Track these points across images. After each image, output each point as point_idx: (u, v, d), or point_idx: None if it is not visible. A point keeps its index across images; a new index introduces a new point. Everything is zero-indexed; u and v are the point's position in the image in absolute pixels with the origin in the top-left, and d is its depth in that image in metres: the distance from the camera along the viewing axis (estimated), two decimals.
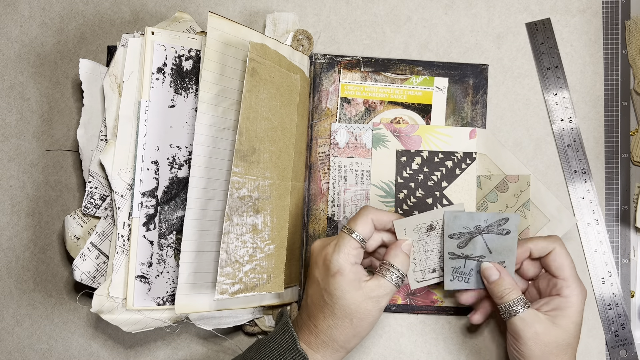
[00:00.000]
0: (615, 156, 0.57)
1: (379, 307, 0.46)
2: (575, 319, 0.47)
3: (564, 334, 0.46)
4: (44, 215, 0.58)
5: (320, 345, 0.46)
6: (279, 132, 0.51)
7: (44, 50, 0.59)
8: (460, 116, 0.57)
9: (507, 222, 0.49)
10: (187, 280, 0.48)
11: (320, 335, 0.46)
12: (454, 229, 0.49)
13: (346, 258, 0.46)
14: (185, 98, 0.52)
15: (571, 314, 0.47)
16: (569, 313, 0.47)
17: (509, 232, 0.49)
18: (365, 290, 0.45)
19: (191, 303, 0.48)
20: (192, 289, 0.48)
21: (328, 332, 0.46)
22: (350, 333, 0.46)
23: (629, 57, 0.58)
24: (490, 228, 0.49)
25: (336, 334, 0.46)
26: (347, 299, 0.45)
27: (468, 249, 0.50)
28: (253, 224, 0.48)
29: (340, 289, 0.45)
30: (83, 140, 0.53)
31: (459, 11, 0.59)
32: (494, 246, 0.50)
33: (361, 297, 0.45)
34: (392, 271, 0.47)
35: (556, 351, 0.46)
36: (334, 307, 0.45)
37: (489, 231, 0.49)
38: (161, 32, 0.51)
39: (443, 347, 0.57)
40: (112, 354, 0.57)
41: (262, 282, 0.49)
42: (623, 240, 0.57)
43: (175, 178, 0.52)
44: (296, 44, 0.57)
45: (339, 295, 0.45)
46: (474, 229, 0.49)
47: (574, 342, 0.47)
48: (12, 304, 0.57)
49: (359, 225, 0.47)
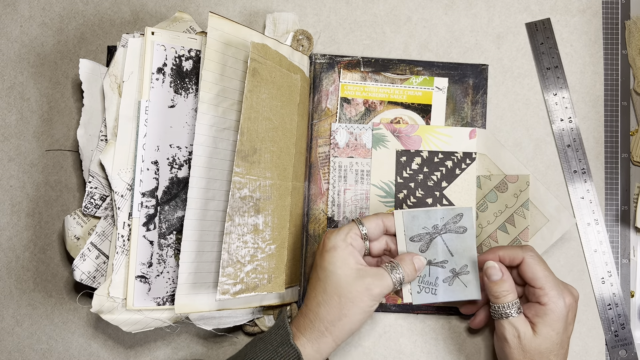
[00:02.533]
0: (615, 156, 0.57)
1: (369, 293, 0.45)
2: (556, 327, 0.46)
3: (546, 342, 0.46)
4: (44, 215, 0.58)
5: (307, 326, 0.46)
6: (280, 132, 0.51)
7: (44, 50, 0.59)
8: (460, 116, 0.57)
9: (462, 219, 0.49)
10: (186, 280, 0.48)
11: (308, 315, 0.47)
12: (413, 230, 0.49)
13: (343, 237, 0.47)
14: (185, 98, 0.52)
15: (551, 322, 0.46)
16: (549, 321, 0.46)
17: (465, 230, 0.49)
18: (360, 272, 0.46)
19: (191, 303, 0.48)
20: (192, 289, 0.48)
21: (316, 310, 0.46)
22: (337, 314, 0.45)
23: (629, 57, 0.58)
24: (448, 227, 0.49)
25: (323, 313, 0.46)
26: (338, 274, 0.46)
27: (430, 254, 0.50)
28: (254, 224, 0.48)
29: (332, 263, 0.46)
30: (83, 140, 0.53)
31: (459, 11, 0.59)
32: (454, 247, 0.49)
33: (353, 276, 0.46)
34: (396, 270, 0.47)
35: (538, 357, 0.46)
36: (325, 282, 0.46)
37: (446, 230, 0.49)
38: (161, 32, 0.51)
39: (443, 347, 0.57)
40: (112, 354, 0.57)
41: (263, 282, 0.49)
42: (623, 240, 0.57)
43: (175, 178, 0.52)
44: (296, 44, 0.57)
45: (331, 269, 0.46)
46: (432, 229, 0.49)
47: (558, 350, 0.46)
48: (12, 304, 0.57)
49: (368, 221, 0.49)
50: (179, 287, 0.48)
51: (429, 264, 0.50)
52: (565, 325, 0.47)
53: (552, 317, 0.46)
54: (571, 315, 0.47)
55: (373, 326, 0.57)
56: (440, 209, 0.49)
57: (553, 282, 0.47)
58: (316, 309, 0.46)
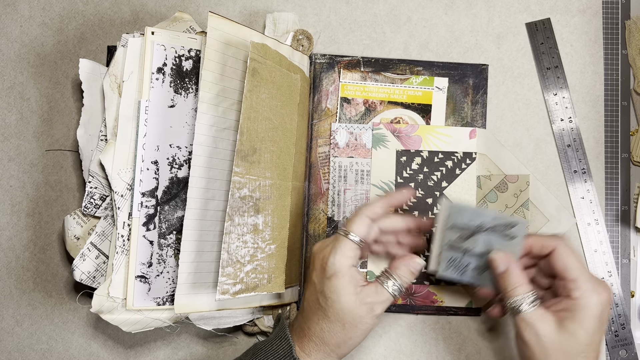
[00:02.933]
0: (615, 156, 0.57)
1: (372, 314, 0.44)
2: (586, 325, 0.41)
3: (571, 340, 0.41)
4: (44, 215, 0.57)
5: (312, 349, 0.45)
6: (280, 132, 0.51)
7: (44, 50, 0.59)
8: (460, 116, 0.57)
9: (513, 228, 0.46)
10: (186, 280, 0.48)
11: (312, 338, 0.45)
12: (457, 223, 0.47)
13: (343, 261, 0.44)
14: (185, 98, 0.52)
15: (581, 319, 0.41)
16: (579, 318, 0.41)
17: (513, 238, 0.46)
18: (360, 295, 0.44)
19: (190, 303, 0.48)
20: (192, 289, 0.48)
21: (320, 335, 0.45)
22: (342, 338, 0.44)
23: (629, 57, 0.58)
24: (496, 229, 0.47)
25: (328, 338, 0.45)
26: (342, 302, 0.44)
27: (469, 243, 0.47)
28: (254, 224, 0.48)
29: (335, 292, 0.44)
30: (83, 140, 0.53)
31: (459, 11, 0.59)
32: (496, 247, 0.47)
33: (355, 302, 0.44)
34: (392, 280, 0.45)
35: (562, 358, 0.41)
36: (328, 311, 0.44)
37: (494, 231, 0.47)
38: (161, 32, 0.51)
39: (443, 347, 0.57)
40: (112, 354, 0.57)
41: (263, 282, 0.49)
42: (623, 240, 0.57)
43: (175, 178, 0.52)
44: (296, 44, 0.57)
45: (333, 299, 0.44)
46: (476, 228, 0.47)
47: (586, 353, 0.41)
48: (12, 304, 0.57)
49: (355, 226, 0.46)
50: (179, 287, 0.48)
51: (464, 252, 0.47)
52: (597, 325, 0.41)
53: (583, 313, 0.41)
54: (605, 315, 0.42)
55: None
56: (493, 213, 0.47)
57: (587, 275, 0.43)
58: (320, 334, 0.45)
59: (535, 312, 0.42)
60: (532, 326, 0.42)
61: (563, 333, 0.41)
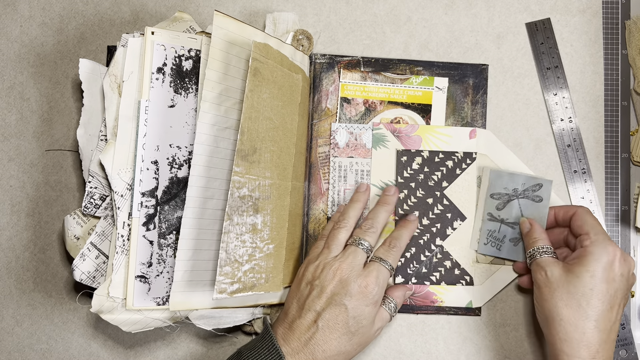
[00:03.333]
0: (615, 156, 0.57)
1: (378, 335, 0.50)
2: (591, 269, 0.45)
3: (575, 282, 0.45)
4: (44, 215, 0.57)
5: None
6: (280, 132, 0.51)
7: (44, 50, 0.59)
8: (460, 116, 0.57)
9: (540, 189, 0.53)
10: (182, 278, 0.48)
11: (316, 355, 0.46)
12: (496, 188, 0.54)
13: (382, 291, 0.48)
14: (185, 98, 0.52)
15: (587, 263, 0.45)
16: (585, 262, 0.45)
17: (541, 200, 0.53)
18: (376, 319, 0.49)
19: (186, 301, 0.48)
20: (188, 287, 0.48)
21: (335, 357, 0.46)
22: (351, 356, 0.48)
23: (629, 57, 0.58)
24: (526, 193, 0.53)
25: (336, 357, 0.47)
26: (369, 327, 0.48)
27: (504, 213, 0.54)
28: (253, 224, 0.48)
29: (369, 319, 0.47)
30: (83, 140, 0.53)
31: (459, 11, 0.59)
32: (527, 213, 0.53)
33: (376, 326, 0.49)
34: (391, 303, 0.50)
35: (566, 297, 0.45)
36: (355, 335, 0.47)
37: (524, 196, 0.53)
38: (161, 32, 0.51)
39: (443, 347, 0.57)
40: (112, 354, 0.57)
41: (260, 281, 0.49)
42: (623, 240, 0.57)
43: (175, 178, 0.52)
44: (296, 44, 0.57)
45: (367, 325, 0.47)
46: (512, 192, 0.54)
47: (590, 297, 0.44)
48: (12, 304, 0.57)
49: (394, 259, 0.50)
50: (175, 285, 0.48)
51: (502, 222, 0.54)
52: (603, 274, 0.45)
53: (590, 258, 0.45)
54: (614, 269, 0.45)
55: None
56: (523, 175, 0.54)
57: (600, 230, 0.47)
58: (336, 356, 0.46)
59: (548, 258, 0.48)
60: (543, 268, 0.47)
61: (569, 274, 0.45)
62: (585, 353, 0.44)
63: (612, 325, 0.45)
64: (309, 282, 0.48)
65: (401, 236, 0.52)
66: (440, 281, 0.56)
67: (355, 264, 0.48)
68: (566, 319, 0.45)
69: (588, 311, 0.44)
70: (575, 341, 0.44)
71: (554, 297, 0.45)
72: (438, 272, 0.56)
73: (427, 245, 0.56)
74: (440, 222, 0.56)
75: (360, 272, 0.48)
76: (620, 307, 0.46)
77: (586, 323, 0.44)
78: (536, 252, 0.49)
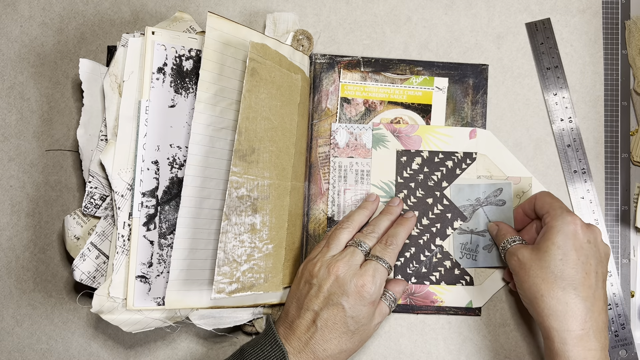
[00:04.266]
0: (615, 156, 0.57)
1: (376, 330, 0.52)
2: (557, 241, 0.46)
3: (545, 255, 0.46)
4: (44, 215, 0.58)
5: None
6: (279, 132, 0.51)
7: (44, 50, 0.59)
8: (460, 116, 0.57)
9: (501, 193, 0.55)
10: (178, 276, 0.48)
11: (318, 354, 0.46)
12: (459, 202, 0.56)
13: (380, 290, 0.48)
14: (185, 98, 0.52)
15: (552, 236, 0.46)
16: (549, 235, 0.46)
17: (504, 203, 0.55)
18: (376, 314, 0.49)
19: (182, 299, 0.49)
20: (184, 286, 0.48)
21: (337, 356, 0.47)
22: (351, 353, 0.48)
23: (629, 57, 0.58)
24: (489, 199, 0.55)
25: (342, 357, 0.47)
26: (370, 325, 0.48)
27: (472, 223, 0.56)
28: (251, 224, 0.48)
29: (368, 318, 0.48)
30: (83, 140, 0.53)
31: (459, 11, 0.59)
32: (494, 218, 0.55)
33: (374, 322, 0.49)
34: (389, 297, 0.51)
35: (541, 273, 0.46)
36: (355, 333, 0.47)
37: (487, 203, 0.55)
38: (161, 32, 0.51)
39: (443, 347, 0.57)
40: (112, 354, 0.57)
41: (259, 281, 0.49)
42: (623, 240, 0.57)
43: (175, 178, 0.52)
44: (296, 44, 0.57)
45: (366, 324, 0.48)
46: (475, 201, 0.55)
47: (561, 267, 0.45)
48: (12, 304, 0.57)
49: (391, 257, 0.50)
50: (170, 283, 0.48)
51: (472, 233, 0.55)
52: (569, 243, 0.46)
53: (554, 231, 0.46)
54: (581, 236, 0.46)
55: None
56: (483, 184, 0.56)
57: (559, 205, 0.48)
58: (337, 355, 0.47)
59: (516, 245, 0.49)
60: (514, 254, 0.48)
61: (538, 252, 0.47)
62: (573, 324, 0.44)
63: (594, 292, 0.45)
64: (307, 281, 0.48)
65: (398, 234, 0.51)
66: (440, 281, 0.56)
67: (352, 262, 0.48)
68: (546, 293, 0.45)
69: (564, 280, 0.45)
70: (561, 313, 0.45)
71: (530, 276, 0.46)
72: (438, 272, 0.56)
73: (427, 245, 0.56)
74: (440, 222, 0.56)
75: (356, 271, 0.48)
76: (598, 275, 0.46)
77: (566, 293, 0.45)
78: (506, 244, 0.50)
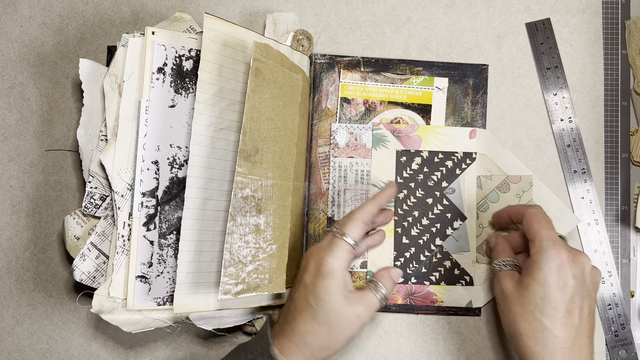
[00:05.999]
0: (615, 156, 0.58)
1: (360, 320, 0.46)
2: (539, 279, 0.43)
3: (526, 293, 0.44)
4: (44, 215, 0.57)
5: (292, 350, 0.45)
6: (282, 132, 0.51)
7: (44, 50, 0.59)
8: (460, 116, 0.57)
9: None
10: (185, 279, 0.48)
11: (294, 339, 0.45)
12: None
13: (339, 263, 0.46)
14: (185, 98, 0.52)
15: (534, 272, 0.44)
16: (531, 271, 0.44)
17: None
18: (350, 299, 0.45)
19: (190, 302, 0.48)
20: (191, 289, 0.48)
21: (304, 336, 0.45)
22: (325, 341, 0.45)
23: (629, 57, 0.58)
24: None
25: (311, 340, 0.45)
26: (332, 303, 0.45)
27: None
28: (256, 224, 0.48)
29: (328, 293, 0.45)
30: (83, 140, 0.53)
31: (459, 11, 0.59)
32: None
33: (345, 305, 0.45)
34: (379, 287, 0.48)
35: (521, 311, 0.44)
36: (317, 311, 0.45)
37: None
38: (161, 32, 0.51)
39: (443, 347, 0.57)
40: (112, 354, 0.57)
41: (264, 282, 0.49)
42: (623, 240, 0.57)
43: (175, 178, 0.52)
44: (296, 44, 0.57)
45: (325, 300, 0.45)
46: None
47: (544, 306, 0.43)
48: (12, 304, 0.57)
49: (351, 228, 0.47)
50: (178, 287, 0.48)
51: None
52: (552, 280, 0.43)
53: (537, 267, 0.44)
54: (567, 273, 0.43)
55: (373, 326, 0.57)
56: None
57: (547, 235, 0.45)
58: (304, 335, 0.45)
59: (504, 272, 0.47)
60: (499, 282, 0.47)
61: (519, 287, 0.45)
62: None
63: (577, 330, 0.43)
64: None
65: (363, 207, 0.49)
66: (440, 281, 0.56)
67: (322, 244, 0.48)
68: (525, 332, 0.44)
69: (544, 322, 0.43)
70: (539, 354, 0.43)
71: (510, 312, 0.45)
72: (438, 272, 0.56)
73: (426, 245, 0.56)
74: (440, 222, 0.56)
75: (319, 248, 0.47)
76: (582, 311, 0.44)
77: (545, 334, 0.43)
78: (498, 266, 0.49)
